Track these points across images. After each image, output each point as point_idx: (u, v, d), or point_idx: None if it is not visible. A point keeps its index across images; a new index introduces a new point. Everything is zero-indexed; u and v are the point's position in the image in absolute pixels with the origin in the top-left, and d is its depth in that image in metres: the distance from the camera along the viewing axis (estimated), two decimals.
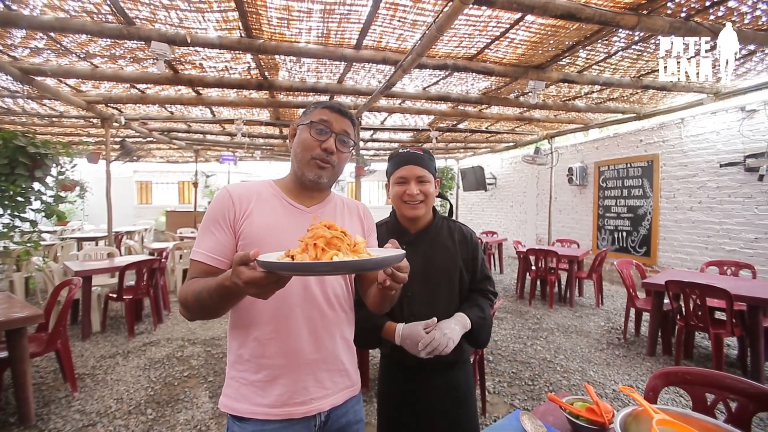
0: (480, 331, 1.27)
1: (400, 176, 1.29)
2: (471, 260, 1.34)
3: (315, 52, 3.16)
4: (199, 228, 1.00)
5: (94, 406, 2.62)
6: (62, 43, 3.15)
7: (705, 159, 5.14)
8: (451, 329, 1.16)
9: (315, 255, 0.73)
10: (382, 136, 7.61)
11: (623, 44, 3.20)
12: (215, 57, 3.52)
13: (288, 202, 1.03)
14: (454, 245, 1.33)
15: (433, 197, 1.32)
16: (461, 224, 1.41)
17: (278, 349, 0.95)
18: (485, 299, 1.34)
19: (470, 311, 1.27)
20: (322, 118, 1.01)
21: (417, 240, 1.33)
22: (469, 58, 3.45)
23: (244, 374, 0.96)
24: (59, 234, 8.08)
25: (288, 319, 0.96)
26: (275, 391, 0.95)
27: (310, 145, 1.00)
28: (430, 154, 1.35)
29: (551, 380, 3.09)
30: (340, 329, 1.04)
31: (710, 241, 5.08)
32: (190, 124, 6.43)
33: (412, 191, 1.26)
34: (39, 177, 3.46)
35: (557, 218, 7.83)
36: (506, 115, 5.69)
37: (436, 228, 1.36)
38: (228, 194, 0.98)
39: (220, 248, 0.94)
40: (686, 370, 1.36)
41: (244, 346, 0.96)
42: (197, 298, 0.85)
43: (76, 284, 2.82)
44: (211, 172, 13.54)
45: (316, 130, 1.00)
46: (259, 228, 0.96)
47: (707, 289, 2.97)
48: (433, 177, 1.33)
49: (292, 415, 0.96)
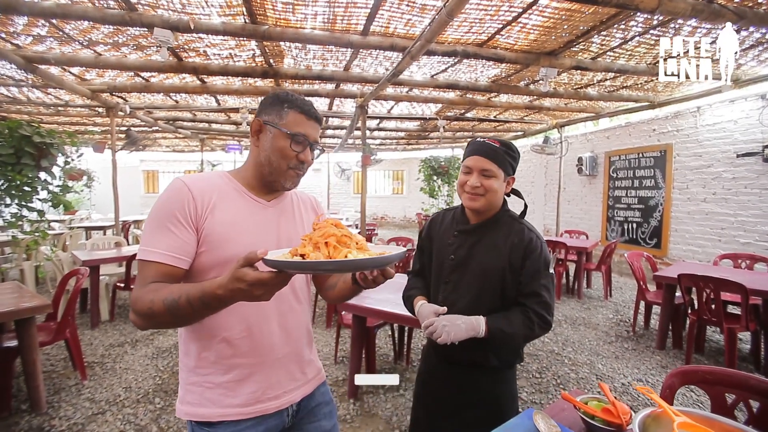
0: (500, 345, 1.22)
1: (466, 165, 1.26)
2: (520, 268, 1.21)
3: (321, 39, 3.08)
4: (147, 223, 0.88)
5: (103, 394, 2.65)
6: (64, 30, 3.10)
7: (721, 149, 5.00)
8: (455, 325, 1.14)
9: (328, 253, 0.72)
10: (389, 125, 7.51)
11: (641, 29, 3.08)
12: (219, 44, 3.45)
13: (248, 196, 1.00)
14: (505, 246, 1.23)
15: (498, 194, 1.24)
16: (528, 227, 1.27)
17: (250, 347, 0.94)
18: (522, 316, 1.19)
19: (495, 320, 1.18)
20: (300, 129, 0.97)
21: (471, 232, 1.30)
22: (479, 44, 3.35)
23: (209, 378, 0.92)
24: (68, 223, 8.16)
25: (259, 317, 0.95)
26: (247, 390, 0.93)
27: (288, 155, 0.97)
28: (510, 149, 1.24)
29: (559, 373, 3.06)
30: (305, 322, 1.08)
31: (724, 234, 4.97)
32: (195, 113, 6.38)
33: (473, 183, 1.22)
34: (45, 166, 3.46)
35: (565, 209, 7.72)
36: (515, 104, 5.56)
37: (496, 225, 1.28)
38: (186, 188, 0.89)
39: (182, 246, 0.86)
40: (707, 369, 1.32)
41: (208, 349, 0.92)
42: (170, 307, 0.74)
43: (83, 274, 2.83)
44: (217, 161, 13.52)
45: (296, 143, 0.96)
46: (223, 224, 0.91)
47: (722, 282, 2.89)
48: (506, 174, 1.24)
49: (265, 410, 0.96)
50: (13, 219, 3.48)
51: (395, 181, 15.00)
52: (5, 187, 3.27)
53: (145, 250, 0.84)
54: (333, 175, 14.50)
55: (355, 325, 2.56)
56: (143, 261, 0.84)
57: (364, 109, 5.08)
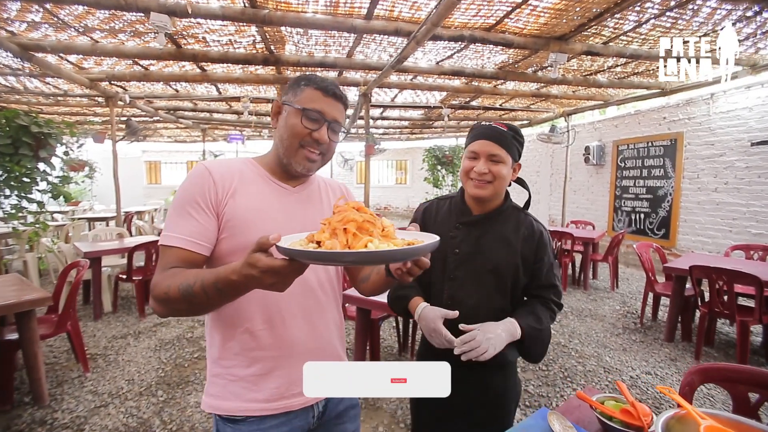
0: (532, 343, 1.13)
1: (472, 150, 1.15)
2: (534, 262, 1.17)
3: (323, 23, 2.98)
4: (169, 209, 0.87)
5: (106, 386, 2.63)
6: (59, 16, 3.01)
7: (735, 137, 4.86)
8: (497, 335, 1.03)
9: (346, 242, 0.62)
10: (393, 114, 7.39)
11: (657, 11, 2.95)
12: (218, 30, 3.36)
13: (272, 181, 0.95)
14: (516, 240, 1.17)
15: (506, 181, 1.16)
16: (534, 219, 1.22)
17: (273, 339, 0.89)
18: (546, 309, 1.17)
19: (524, 319, 1.12)
20: (315, 105, 0.90)
21: (476, 223, 1.20)
22: (487, 28, 3.23)
23: (232, 370, 0.89)
24: (70, 214, 8.15)
25: (282, 308, 0.90)
26: (270, 384, 0.89)
27: (299, 132, 0.90)
28: (517, 133, 1.16)
29: (566, 365, 3.01)
30: (332, 314, 1.01)
31: (735, 224, 4.87)
32: (196, 103, 6.30)
33: (480, 169, 1.12)
34: (44, 157, 3.41)
35: (571, 199, 7.61)
36: (522, 92, 5.43)
37: (502, 215, 1.20)
38: (207, 172, 0.87)
39: (202, 232, 0.83)
40: (730, 367, 1.25)
41: (232, 339, 0.89)
42: (185, 293, 0.72)
43: (83, 266, 2.79)
44: (219, 151, 13.46)
45: (308, 118, 0.89)
46: (246, 210, 0.87)
47: (735, 275, 2.82)
48: (514, 160, 1.16)
49: (290, 407, 0.91)
50: (13, 210, 3.44)
51: (399, 171, 14.88)
52: (4, 179, 3.22)
53: (166, 235, 0.82)
54: (336, 165, 14.41)
55: (359, 317, 2.51)
56: (164, 246, 0.82)
57: (367, 97, 4.97)
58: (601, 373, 2.89)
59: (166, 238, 0.82)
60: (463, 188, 1.24)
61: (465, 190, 1.21)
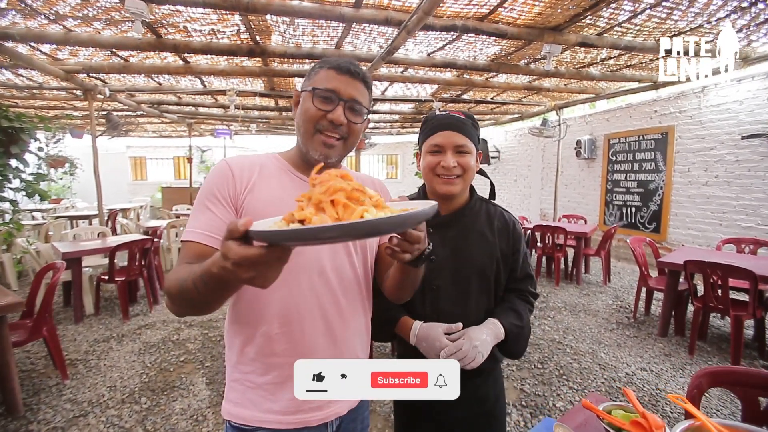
0: (515, 341, 1.06)
1: (434, 144, 1.05)
2: (511, 254, 1.11)
3: (310, 11, 2.85)
4: (193, 207, 0.85)
5: (85, 394, 2.51)
6: (26, 1, 2.82)
7: (725, 131, 4.87)
8: (482, 341, 0.96)
9: (337, 214, 0.52)
10: (383, 108, 7.27)
11: (653, 1, 2.88)
12: (200, 18, 3.20)
13: (295, 175, 0.89)
14: (492, 234, 1.10)
15: (474, 172, 1.08)
16: (503, 209, 1.16)
17: (289, 346, 0.82)
18: (524, 302, 1.12)
19: (505, 317, 1.06)
20: (328, 84, 0.82)
21: (448, 223, 1.10)
22: (480, 18, 3.13)
23: (250, 376, 0.84)
24: (51, 213, 7.88)
25: (300, 311, 0.83)
26: (287, 395, 0.82)
27: (314, 115, 0.83)
28: (474, 120, 1.09)
29: (561, 363, 2.98)
30: (357, 322, 0.92)
31: (725, 218, 4.89)
32: (181, 96, 6.08)
33: (448, 163, 1.02)
34: (15, 153, 3.23)
35: (563, 193, 7.61)
36: (514, 85, 5.36)
37: (473, 211, 1.12)
38: (227, 166, 0.84)
39: (219, 225, 0.78)
40: (739, 370, 1.20)
41: (250, 343, 0.83)
42: (181, 289, 0.66)
43: (59, 268, 2.65)
44: (207, 146, 13.17)
45: (320, 98, 0.82)
46: (265, 202, 0.82)
47: (729, 269, 2.80)
48: (476, 148, 1.08)
49: (307, 422, 0.84)
50: None
51: (389, 166, 14.77)
52: None
53: (186, 231, 0.80)
54: None
55: None
56: (183, 242, 0.79)
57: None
58: (597, 370, 2.86)
59: (185, 234, 0.80)
60: (425, 187, 1.15)
61: (431, 188, 1.10)
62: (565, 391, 2.58)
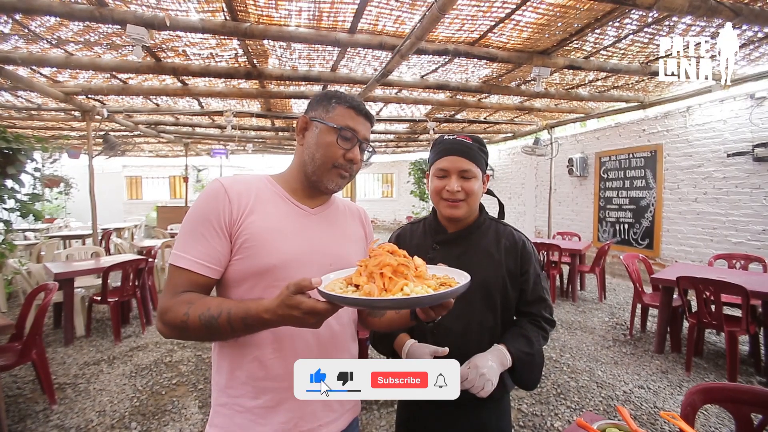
0: (525, 369, 1.04)
1: (440, 168, 1.08)
2: (520, 275, 1.10)
3: (306, 37, 2.94)
4: (182, 226, 0.84)
5: (73, 420, 2.44)
6: (30, 27, 2.90)
7: (711, 149, 5.00)
8: (489, 367, 0.94)
9: (383, 285, 0.67)
10: (378, 128, 7.39)
11: (635, 26, 3.01)
12: (199, 43, 3.29)
13: (291, 202, 0.92)
14: (499, 253, 1.10)
15: (479, 196, 1.10)
16: (513, 228, 1.16)
17: (282, 370, 0.83)
18: (536, 328, 1.09)
19: (514, 343, 1.04)
20: (349, 124, 0.90)
21: (454, 241, 1.12)
22: (471, 42, 3.25)
23: (239, 400, 0.84)
24: (45, 232, 7.81)
25: (293, 338, 0.85)
26: (278, 419, 0.83)
27: (334, 153, 0.89)
28: (482, 144, 1.11)
29: (558, 381, 2.95)
30: (347, 346, 0.96)
31: (716, 233, 4.97)
32: (178, 117, 6.16)
33: (452, 187, 1.05)
34: (12, 174, 3.23)
35: (557, 210, 7.69)
36: (506, 105, 5.50)
37: (480, 229, 1.13)
38: (223, 190, 0.83)
39: (214, 255, 0.81)
40: (732, 387, 1.21)
41: (240, 368, 0.84)
42: (208, 324, 0.73)
43: (51, 289, 2.62)
44: (203, 166, 13.25)
45: (343, 138, 0.89)
46: (262, 231, 0.83)
47: (722, 285, 2.83)
48: (482, 172, 1.10)
49: None
50: None
51: (385, 184, 14.88)
52: None
53: (177, 255, 0.80)
54: None
55: None
56: (174, 266, 0.80)
57: None
58: (595, 389, 2.84)
59: (177, 258, 0.80)
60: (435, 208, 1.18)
61: (438, 210, 1.14)
62: (563, 410, 2.56)
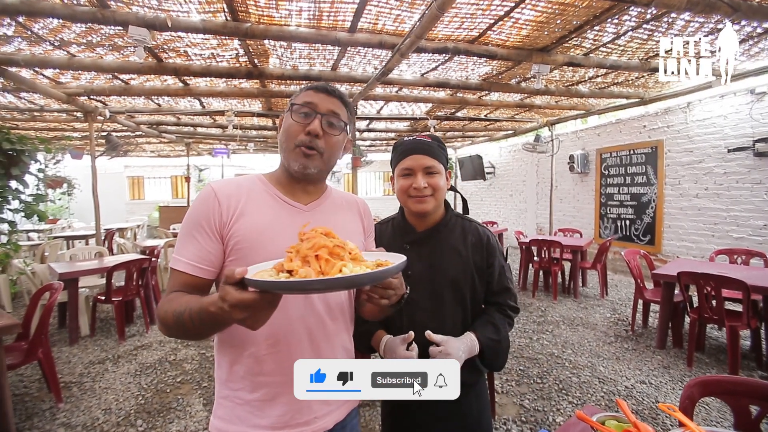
0: (492, 355, 1.11)
1: (405, 167, 1.13)
2: (486, 268, 1.16)
3: (306, 36, 2.95)
4: (179, 231, 0.87)
5: (80, 418, 2.47)
6: (33, 29, 2.92)
7: (712, 144, 5.00)
8: (459, 358, 1.00)
9: (320, 268, 0.63)
10: (379, 126, 7.40)
11: (634, 23, 3.01)
12: (200, 43, 3.30)
13: (283, 200, 0.92)
14: (465, 249, 1.16)
15: (444, 191, 1.15)
16: (478, 224, 1.23)
17: (276, 365, 0.85)
18: (503, 316, 1.17)
19: (482, 330, 1.11)
20: (306, 100, 0.90)
21: (423, 240, 1.17)
22: (470, 40, 3.25)
23: (239, 393, 0.86)
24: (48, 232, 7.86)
25: (287, 333, 0.86)
26: (275, 412, 0.85)
27: (294, 131, 0.89)
28: (441, 142, 1.17)
29: (560, 377, 2.97)
30: (341, 340, 0.96)
31: (717, 229, 4.97)
32: (180, 117, 6.18)
33: (419, 184, 1.10)
34: (16, 175, 3.27)
35: (558, 207, 7.69)
36: (506, 102, 5.49)
37: (447, 227, 1.19)
38: (213, 193, 0.86)
39: (205, 256, 0.83)
40: (730, 379, 1.23)
41: (238, 362, 0.86)
42: (177, 319, 0.73)
43: (56, 289, 2.65)
44: (204, 165, 13.28)
45: (299, 114, 0.89)
46: (253, 231, 0.85)
47: (723, 280, 2.84)
48: (444, 168, 1.15)
49: None
50: None
51: (386, 183, 14.88)
52: None
53: (174, 258, 0.84)
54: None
55: None
56: (172, 269, 0.84)
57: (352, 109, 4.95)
58: (596, 384, 2.86)
59: (173, 262, 0.84)
60: (403, 208, 1.22)
61: (406, 208, 1.19)
62: (565, 406, 2.57)
